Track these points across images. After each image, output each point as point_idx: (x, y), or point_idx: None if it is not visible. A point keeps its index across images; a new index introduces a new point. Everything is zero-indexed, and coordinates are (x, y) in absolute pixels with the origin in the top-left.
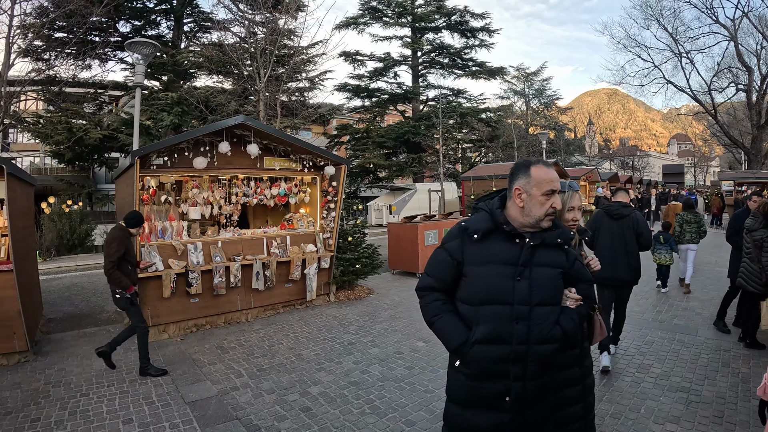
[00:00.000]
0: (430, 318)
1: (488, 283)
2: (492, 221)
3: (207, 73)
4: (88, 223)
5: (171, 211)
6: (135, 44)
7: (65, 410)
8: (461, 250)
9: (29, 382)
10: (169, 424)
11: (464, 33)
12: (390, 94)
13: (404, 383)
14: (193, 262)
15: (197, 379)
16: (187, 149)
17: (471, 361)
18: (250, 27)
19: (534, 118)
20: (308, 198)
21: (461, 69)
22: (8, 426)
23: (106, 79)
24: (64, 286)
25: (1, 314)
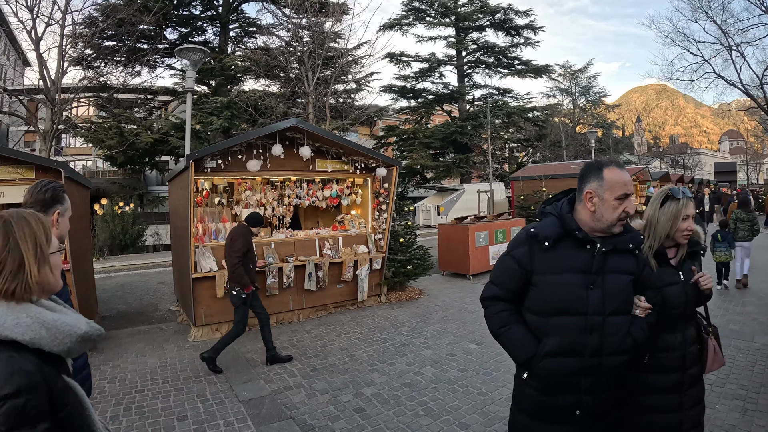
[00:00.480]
0: (497, 329)
1: (560, 293)
2: (562, 227)
3: (254, 76)
4: (139, 224)
5: (224, 213)
6: (184, 50)
7: (120, 406)
8: (530, 258)
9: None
10: (223, 422)
11: (508, 31)
12: (436, 95)
13: (458, 385)
14: None
15: (251, 378)
16: (240, 152)
17: (541, 375)
18: (295, 31)
19: (581, 117)
20: (360, 199)
21: (506, 68)
22: None
23: (156, 85)
24: (118, 285)
25: None
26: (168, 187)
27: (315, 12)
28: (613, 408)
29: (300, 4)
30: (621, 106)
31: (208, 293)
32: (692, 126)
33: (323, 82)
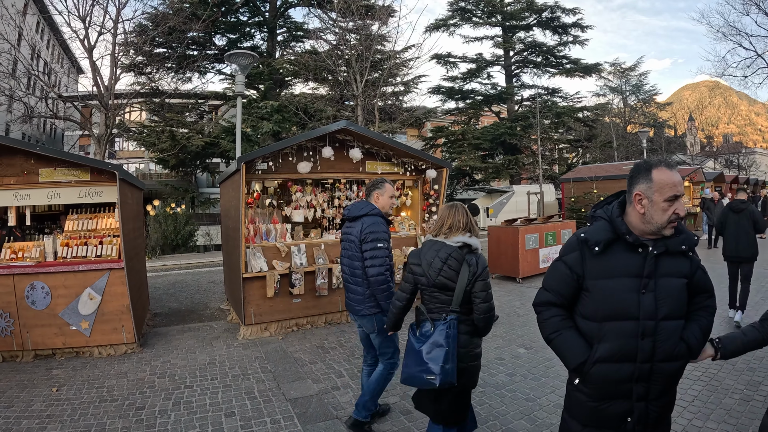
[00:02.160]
0: (549, 335)
1: (612, 298)
2: (613, 231)
3: (303, 80)
4: (191, 224)
5: (274, 214)
6: (234, 55)
7: (169, 400)
8: (581, 263)
9: (135, 372)
10: (270, 420)
11: (556, 30)
12: (484, 95)
13: (505, 390)
14: (297, 263)
15: (298, 377)
16: (290, 154)
17: (592, 381)
18: (342, 34)
19: (632, 116)
20: (410, 201)
21: (555, 67)
22: (114, 412)
23: (206, 90)
24: (169, 283)
25: (112, 308)
26: (219, 189)
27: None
28: (666, 415)
29: (347, 7)
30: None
31: (258, 293)
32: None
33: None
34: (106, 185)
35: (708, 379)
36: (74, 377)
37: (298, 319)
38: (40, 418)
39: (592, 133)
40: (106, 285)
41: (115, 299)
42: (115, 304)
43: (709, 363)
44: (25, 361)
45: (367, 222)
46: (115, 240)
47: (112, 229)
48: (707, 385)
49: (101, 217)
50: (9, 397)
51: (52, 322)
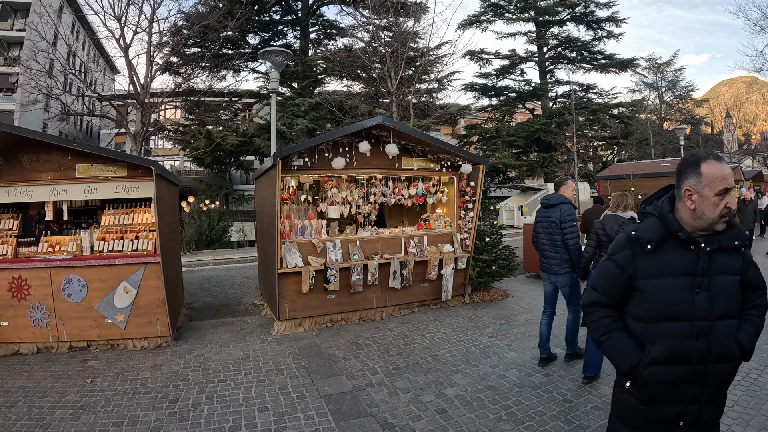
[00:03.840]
0: (599, 337)
1: (666, 298)
2: (664, 228)
3: (337, 77)
4: (225, 220)
5: (310, 210)
6: (268, 53)
7: (203, 394)
8: (632, 262)
9: (169, 365)
10: (303, 416)
11: (590, 24)
12: (518, 92)
13: (542, 391)
14: (332, 259)
15: (332, 374)
16: (326, 150)
17: (644, 383)
18: (375, 32)
19: (668, 112)
20: (445, 198)
21: (589, 63)
22: (147, 404)
23: (240, 89)
24: (203, 278)
25: (148, 302)
26: (254, 185)
27: (396, 11)
28: (717, 418)
29: (380, 3)
30: (710, 101)
31: (293, 288)
32: None
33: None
34: (143, 181)
35: (748, 383)
36: (109, 369)
37: (332, 315)
38: (74, 408)
39: (628, 130)
40: (141, 279)
41: (150, 293)
42: (150, 298)
43: (750, 366)
44: (60, 353)
45: (564, 208)
46: (150, 235)
47: (148, 224)
48: (747, 390)
49: (137, 212)
50: (44, 388)
51: (88, 315)
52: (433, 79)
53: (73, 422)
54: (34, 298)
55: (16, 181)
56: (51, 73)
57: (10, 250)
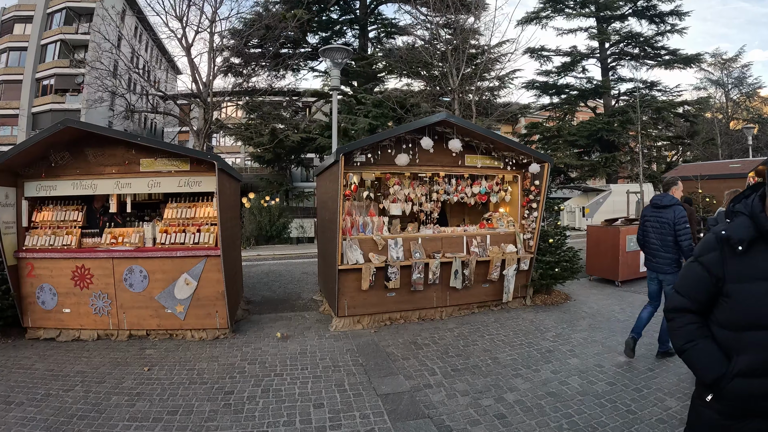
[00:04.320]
0: (682, 345)
1: (756, 304)
2: (755, 228)
3: (396, 76)
4: (285, 217)
5: (371, 207)
6: (328, 50)
7: (258, 387)
8: (721, 264)
9: (226, 357)
10: (359, 414)
11: (652, 19)
12: (579, 90)
13: (605, 400)
14: (393, 257)
15: (390, 373)
16: (389, 146)
17: (728, 397)
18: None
19: (735, 111)
20: (509, 197)
21: (652, 59)
22: (203, 395)
23: (300, 87)
24: (263, 273)
25: (208, 294)
26: (316, 181)
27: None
28: None
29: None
30: None
31: (353, 285)
32: None
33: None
34: (205, 175)
35: None
36: (166, 358)
37: (391, 313)
38: (130, 395)
39: (693, 130)
40: (202, 271)
41: (210, 285)
42: (210, 290)
43: None
44: (120, 340)
45: (678, 210)
46: (212, 228)
47: (210, 218)
48: None
49: (199, 206)
50: (101, 374)
51: (148, 305)
52: (494, 77)
53: (129, 408)
54: (97, 287)
55: (81, 174)
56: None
57: (74, 240)
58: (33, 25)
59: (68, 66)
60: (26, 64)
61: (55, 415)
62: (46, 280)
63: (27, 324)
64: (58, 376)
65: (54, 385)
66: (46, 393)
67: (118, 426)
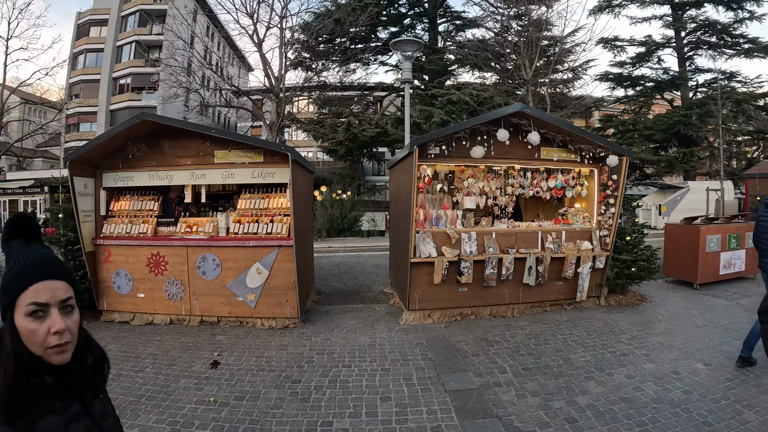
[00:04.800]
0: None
1: None
2: None
3: (468, 69)
4: (357, 210)
5: (445, 200)
6: (399, 43)
7: (326, 377)
8: None
9: (295, 346)
10: (426, 410)
11: (730, 5)
12: (655, 81)
13: (680, 409)
14: (466, 251)
15: (459, 369)
16: (463, 138)
17: None
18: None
19: None
20: (585, 192)
21: (731, 48)
22: (270, 382)
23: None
24: (334, 264)
25: (279, 284)
26: (388, 174)
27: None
28: None
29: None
30: None
31: (425, 279)
32: None
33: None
34: (279, 167)
35: None
36: (236, 345)
37: (462, 308)
38: (198, 379)
39: None
40: (274, 261)
41: (282, 275)
42: (281, 280)
43: None
44: (191, 325)
45: None
46: (285, 219)
47: (283, 209)
48: None
49: (273, 197)
50: (172, 357)
51: (220, 292)
52: (567, 69)
53: (196, 392)
54: (171, 274)
55: (158, 165)
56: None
57: (150, 228)
58: (108, 28)
59: (143, 65)
60: (103, 64)
61: (124, 395)
62: (122, 266)
63: (102, 307)
64: (130, 357)
65: (125, 366)
66: (117, 373)
67: (185, 408)
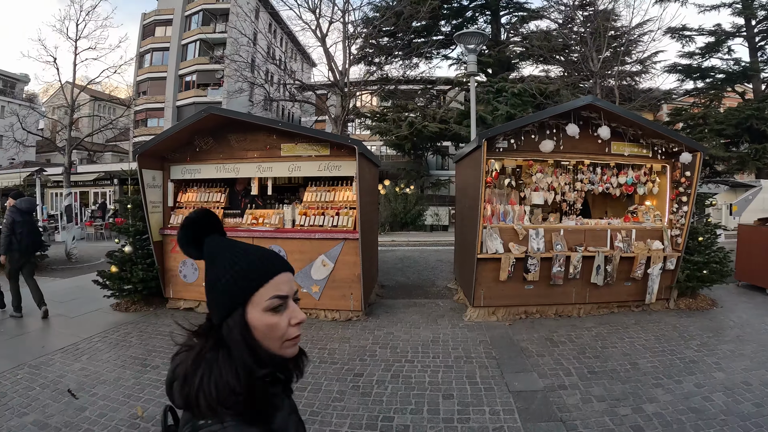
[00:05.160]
0: None
1: None
2: None
3: (532, 62)
4: (421, 204)
5: (512, 195)
6: (464, 35)
7: (388, 372)
8: None
9: (358, 339)
10: (489, 410)
11: None
12: (725, 73)
13: (750, 423)
14: (534, 248)
15: (523, 369)
16: (532, 132)
17: None
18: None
19: None
20: (656, 188)
21: None
22: (332, 375)
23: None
24: (397, 258)
25: (344, 276)
26: (455, 168)
27: None
28: None
29: None
30: None
31: (491, 275)
32: None
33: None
34: (345, 160)
35: None
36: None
37: (527, 306)
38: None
39: None
40: (339, 253)
41: (347, 268)
42: (346, 272)
43: None
44: None
45: None
46: (351, 212)
47: (349, 202)
48: None
49: (338, 190)
50: None
51: None
52: (635, 61)
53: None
54: None
55: (224, 158)
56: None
57: None
58: (173, 27)
59: (208, 62)
60: (169, 62)
61: None
62: None
63: (168, 295)
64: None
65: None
66: None
67: None
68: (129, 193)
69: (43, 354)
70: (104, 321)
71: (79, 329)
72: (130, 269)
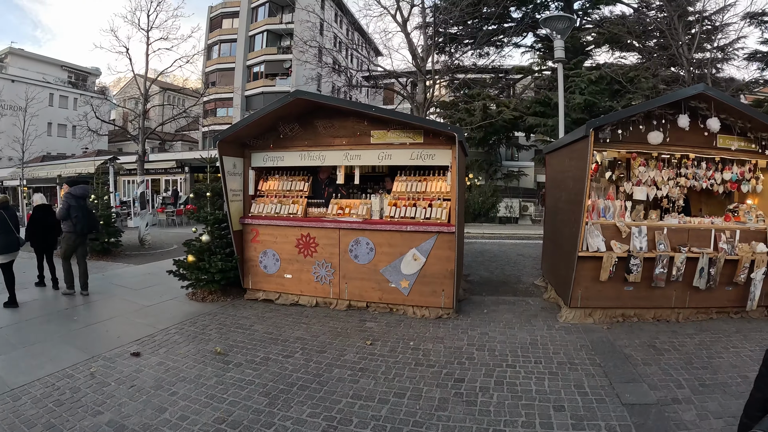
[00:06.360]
0: None
1: None
2: None
3: (608, 49)
4: (495, 196)
5: (610, 189)
6: (550, 20)
7: (490, 378)
8: None
9: (452, 340)
10: (604, 424)
11: None
12: None
13: None
14: (637, 247)
15: (632, 379)
16: (638, 122)
17: None
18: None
19: None
20: (761, 186)
21: None
22: (431, 379)
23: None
24: (476, 251)
25: (435, 271)
26: (546, 159)
27: None
28: None
29: None
30: None
31: (590, 275)
32: None
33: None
34: (439, 148)
35: None
36: (388, 333)
37: (625, 309)
38: (353, 369)
39: None
40: (432, 248)
41: (439, 263)
42: (438, 268)
43: None
44: (338, 309)
45: None
46: (444, 204)
47: (442, 193)
48: None
49: (431, 180)
50: (322, 343)
51: (372, 277)
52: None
53: (352, 384)
54: (320, 256)
55: (310, 146)
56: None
57: (300, 209)
58: (240, 19)
59: (275, 53)
60: (237, 53)
61: (275, 382)
62: (270, 245)
63: (247, 285)
64: (278, 341)
65: (273, 350)
66: (266, 357)
67: (341, 402)
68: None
69: (119, 345)
70: (180, 311)
71: (155, 319)
72: (208, 259)
